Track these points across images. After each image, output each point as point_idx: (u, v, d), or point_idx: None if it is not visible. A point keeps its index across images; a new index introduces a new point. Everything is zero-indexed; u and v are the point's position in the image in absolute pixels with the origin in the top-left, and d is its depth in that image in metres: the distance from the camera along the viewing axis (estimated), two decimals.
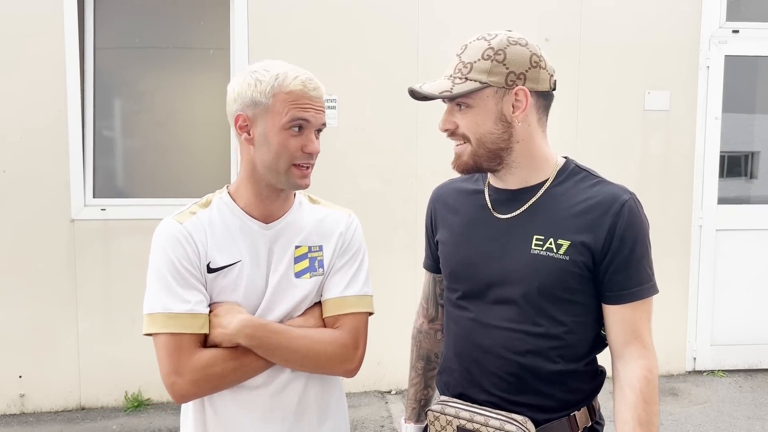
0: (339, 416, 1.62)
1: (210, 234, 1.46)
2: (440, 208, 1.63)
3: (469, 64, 1.40)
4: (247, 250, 1.47)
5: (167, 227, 1.46)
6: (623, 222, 1.39)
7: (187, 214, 1.48)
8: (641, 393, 1.39)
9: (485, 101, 1.40)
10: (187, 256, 1.43)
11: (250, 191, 1.49)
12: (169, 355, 1.38)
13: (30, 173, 4.06)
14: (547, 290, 1.41)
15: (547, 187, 1.47)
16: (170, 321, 1.39)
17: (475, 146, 1.43)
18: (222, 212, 1.49)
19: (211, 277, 1.45)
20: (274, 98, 1.40)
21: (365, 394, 4.44)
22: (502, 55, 1.38)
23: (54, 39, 4.02)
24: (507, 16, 4.30)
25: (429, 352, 1.74)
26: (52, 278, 4.09)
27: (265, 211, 1.50)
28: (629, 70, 4.54)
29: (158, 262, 1.43)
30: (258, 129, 1.43)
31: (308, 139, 1.44)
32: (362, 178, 4.37)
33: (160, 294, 1.40)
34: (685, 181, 4.66)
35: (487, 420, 1.41)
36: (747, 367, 4.83)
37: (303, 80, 1.42)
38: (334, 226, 1.57)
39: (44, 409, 4.17)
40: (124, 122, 4.45)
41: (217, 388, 1.43)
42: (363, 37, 4.31)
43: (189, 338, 1.39)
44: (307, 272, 1.51)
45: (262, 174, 1.45)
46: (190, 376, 1.38)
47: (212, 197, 1.53)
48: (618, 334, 1.43)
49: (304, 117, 1.41)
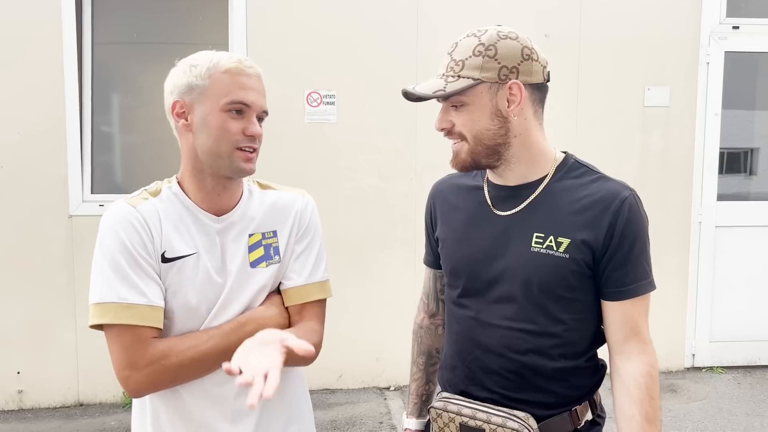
0: (304, 422, 1.58)
1: (164, 221, 1.38)
2: (440, 204, 1.63)
3: (460, 62, 1.39)
4: (201, 242, 1.40)
5: (119, 210, 1.36)
6: (623, 219, 1.39)
7: (139, 199, 1.40)
8: (646, 389, 1.39)
9: (479, 97, 1.39)
10: (141, 241, 1.34)
11: (195, 183, 1.42)
12: (123, 348, 1.30)
13: (28, 169, 4.05)
14: (547, 288, 1.41)
15: (546, 183, 1.46)
16: (125, 312, 1.29)
17: (473, 144, 1.42)
18: (173, 203, 1.41)
19: (165, 267, 1.36)
20: (210, 79, 1.35)
21: (364, 390, 4.43)
22: (493, 50, 1.37)
23: (52, 34, 4.00)
24: (506, 12, 4.29)
25: (430, 347, 1.74)
26: (50, 274, 4.09)
27: (214, 204, 1.43)
28: (629, 66, 4.53)
29: (110, 247, 1.32)
30: (196, 114, 1.36)
31: (249, 121, 1.37)
32: (361, 174, 4.36)
33: (113, 282, 1.30)
34: (685, 177, 4.65)
35: (489, 417, 1.41)
36: (746, 363, 4.83)
37: (238, 58, 1.37)
38: (288, 208, 1.51)
39: (42, 405, 4.17)
40: (123, 118, 4.44)
41: (176, 381, 1.35)
42: (362, 32, 4.30)
43: (145, 331, 1.31)
44: (263, 261, 1.46)
45: (204, 162, 1.38)
46: (145, 368, 1.29)
47: (161, 186, 1.45)
48: (617, 330, 1.43)
49: (243, 100, 1.35)
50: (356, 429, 3.87)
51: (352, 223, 4.34)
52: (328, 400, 4.27)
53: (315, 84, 4.27)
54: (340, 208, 4.33)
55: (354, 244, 4.35)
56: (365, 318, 4.36)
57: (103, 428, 3.89)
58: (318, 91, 4.27)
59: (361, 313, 4.35)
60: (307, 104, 4.26)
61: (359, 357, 4.41)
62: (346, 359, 4.37)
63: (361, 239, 4.36)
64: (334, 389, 4.43)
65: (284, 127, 4.23)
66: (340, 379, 4.44)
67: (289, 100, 4.21)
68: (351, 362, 4.40)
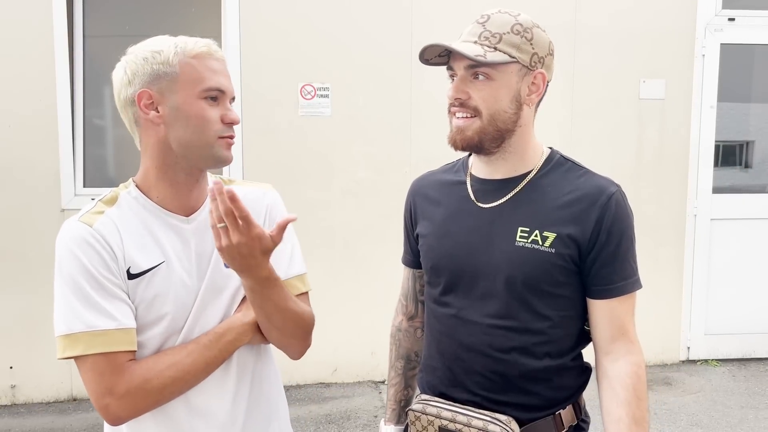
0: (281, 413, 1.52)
1: (125, 235, 1.27)
2: (420, 200, 1.58)
3: (498, 35, 1.35)
4: (171, 248, 1.30)
5: (74, 231, 1.25)
6: (611, 215, 1.36)
7: (93, 215, 1.28)
8: (634, 390, 1.36)
9: (509, 77, 1.36)
10: (103, 262, 1.23)
11: (164, 181, 1.30)
12: (99, 376, 1.20)
13: (19, 163, 4.01)
14: (532, 283, 1.37)
15: (531, 177, 1.43)
16: (97, 339, 1.20)
17: (486, 122, 1.37)
18: (133, 209, 1.30)
19: (132, 284, 1.26)
20: (179, 65, 1.25)
21: (359, 384, 4.43)
22: (530, 34, 1.37)
23: (43, 27, 3.97)
24: (501, 3, 4.26)
25: (409, 351, 1.69)
26: (42, 268, 4.05)
27: (183, 202, 1.32)
28: (624, 58, 4.51)
29: (69, 272, 1.23)
30: (168, 104, 1.25)
31: (226, 107, 1.29)
32: (355, 167, 4.34)
33: (78, 309, 1.21)
34: (680, 170, 4.64)
35: (470, 420, 1.37)
36: (741, 356, 4.84)
37: (206, 42, 1.28)
38: (258, 204, 1.41)
39: (35, 400, 4.15)
40: (115, 111, 4.39)
41: (159, 403, 1.26)
42: (356, 25, 4.27)
43: (121, 356, 1.21)
44: None
45: (180, 155, 1.28)
46: (126, 395, 1.21)
47: (118, 192, 1.33)
48: (604, 329, 1.40)
49: (219, 86, 1.27)
50: (351, 423, 3.86)
51: (346, 216, 4.32)
52: (323, 394, 4.26)
53: (309, 77, 4.24)
54: (335, 201, 4.31)
55: (348, 237, 4.33)
56: (360, 312, 4.34)
57: (97, 423, 3.87)
58: (312, 84, 4.24)
59: (355, 306, 4.33)
60: (301, 97, 4.23)
61: (354, 351, 4.40)
62: (341, 353, 4.36)
63: (355, 232, 4.34)
64: (329, 383, 4.42)
65: (278, 120, 4.20)
66: (335, 373, 4.43)
67: (283, 92, 4.18)
68: (346, 356, 4.39)
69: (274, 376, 1.50)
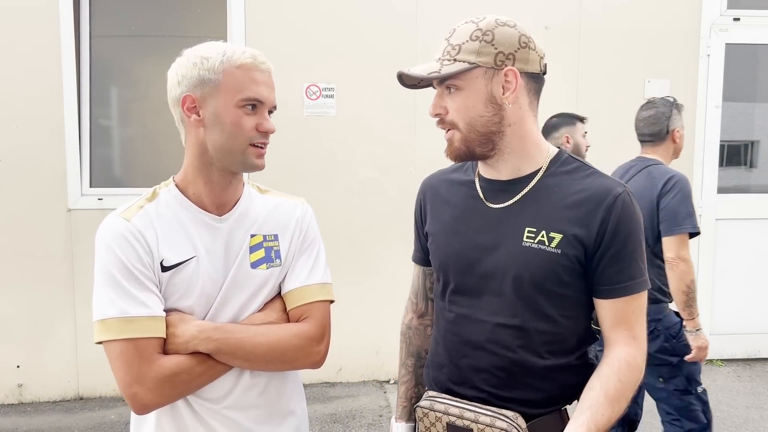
0: (300, 419, 1.56)
1: (160, 230, 1.36)
2: (430, 198, 1.59)
3: (457, 46, 1.37)
4: (202, 244, 1.38)
5: (113, 225, 1.34)
6: (617, 215, 1.36)
7: (134, 210, 1.37)
8: (617, 370, 1.34)
9: (475, 82, 1.37)
10: (138, 256, 1.32)
11: (200, 179, 1.40)
12: (127, 363, 1.28)
13: (26, 162, 4.03)
14: (538, 284, 1.37)
15: (539, 177, 1.43)
16: (128, 326, 1.28)
17: (465, 131, 1.39)
18: (170, 206, 1.40)
19: (165, 276, 1.35)
20: (224, 74, 1.33)
21: (363, 383, 4.44)
22: (491, 35, 1.36)
23: (50, 27, 3.99)
24: (506, 3, 4.26)
25: (419, 348, 1.69)
26: (49, 268, 4.08)
27: (217, 201, 1.41)
28: (629, 58, 4.51)
29: (106, 264, 1.31)
30: (208, 109, 1.34)
31: (263, 117, 1.37)
32: (360, 167, 4.35)
33: (113, 297, 1.29)
34: (685, 169, 4.57)
35: (477, 416, 1.38)
36: (746, 356, 4.83)
37: (252, 53, 1.36)
38: (289, 214, 1.51)
39: (42, 399, 4.17)
40: (121, 111, 4.42)
41: (183, 395, 1.35)
42: (362, 25, 4.28)
43: (149, 343, 1.29)
44: (264, 263, 1.44)
45: (214, 157, 1.37)
46: (153, 384, 1.28)
47: (159, 189, 1.43)
48: (610, 328, 1.40)
49: (258, 96, 1.35)
50: (356, 422, 3.88)
51: (351, 216, 4.33)
52: (328, 394, 4.27)
53: (314, 77, 4.26)
54: (339, 201, 4.32)
55: (353, 237, 4.34)
56: (365, 311, 4.35)
57: (103, 422, 3.90)
58: (317, 84, 4.26)
59: (360, 306, 4.34)
60: (306, 97, 4.24)
61: (359, 350, 4.41)
62: (346, 353, 4.37)
63: (360, 232, 4.35)
64: (334, 382, 4.43)
65: (283, 120, 4.19)
66: (339, 372, 4.44)
67: (288, 93, 4.19)
68: (351, 356, 4.40)
69: (291, 374, 1.53)
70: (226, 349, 1.34)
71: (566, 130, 3.18)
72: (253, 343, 1.36)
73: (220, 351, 1.34)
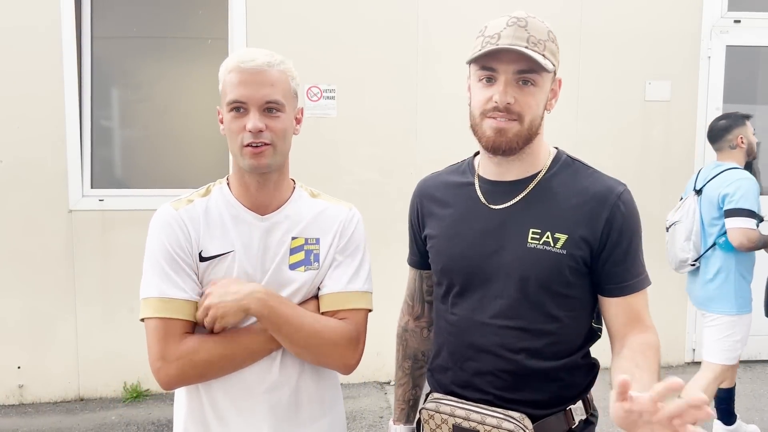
0: (335, 414, 1.58)
1: (204, 223, 1.45)
2: (427, 202, 1.58)
3: (542, 42, 1.35)
4: (240, 240, 1.45)
5: (162, 213, 1.46)
6: (620, 214, 1.37)
7: (184, 201, 1.48)
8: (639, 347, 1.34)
9: (546, 83, 1.39)
10: (179, 242, 1.42)
11: (237, 180, 1.48)
12: (157, 341, 1.37)
13: (28, 163, 4.04)
14: (544, 284, 1.38)
15: (541, 177, 1.44)
16: (163, 306, 1.37)
17: (525, 127, 1.37)
18: (218, 202, 1.48)
19: (203, 266, 1.43)
20: (222, 82, 1.42)
21: (364, 384, 4.44)
22: (556, 42, 1.39)
23: (51, 28, 3.99)
24: (507, 5, 4.27)
25: (416, 350, 1.69)
26: (50, 269, 4.08)
27: (256, 201, 1.47)
28: (630, 60, 4.52)
29: (153, 247, 1.42)
30: (223, 118, 1.45)
31: (251, 116, 1.38)
32: (361, 169, 4.35)
33: (155, 279, 1.39)
34: (686, 171, 4.63)
35: (484, 418, 1.38)
36: (746, 358, 4.81)
37: (239, 56, 1.41)
38: (333, 219, 1.54)
39: (43, 400, 4.17)
40: (122, 112, 4.42)
41: (205, 376, 1.41)
42: (363, 27, 4.28)
43: (178, 324, 1.38)
44: (302, 265, 1.47)
45: (235, 161, 1.46)
46: (175, 361, 1.36)
47: (213, 186, 1.53)
48: (619, 325, 1.41)
49: (236, 98, 1.38)
50: (357, 423, 3.88)
51: None
52: None
53: (315, 78, 4.26)
54: None
55: None
56: None
57: (104, 423, 3.90)
58: (318, 86, 4.26)
59: None
60: (307, 99, 4.25)
61: None
62: None
63: None
64: None
65: None
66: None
67: None
68: None
69: (328, 373, 1.55)
70: (273, 317, 1.38)
71: (739, 131, 3.23)
72: (300, 321, 1.41)
73: (267, 316, 1.38)
